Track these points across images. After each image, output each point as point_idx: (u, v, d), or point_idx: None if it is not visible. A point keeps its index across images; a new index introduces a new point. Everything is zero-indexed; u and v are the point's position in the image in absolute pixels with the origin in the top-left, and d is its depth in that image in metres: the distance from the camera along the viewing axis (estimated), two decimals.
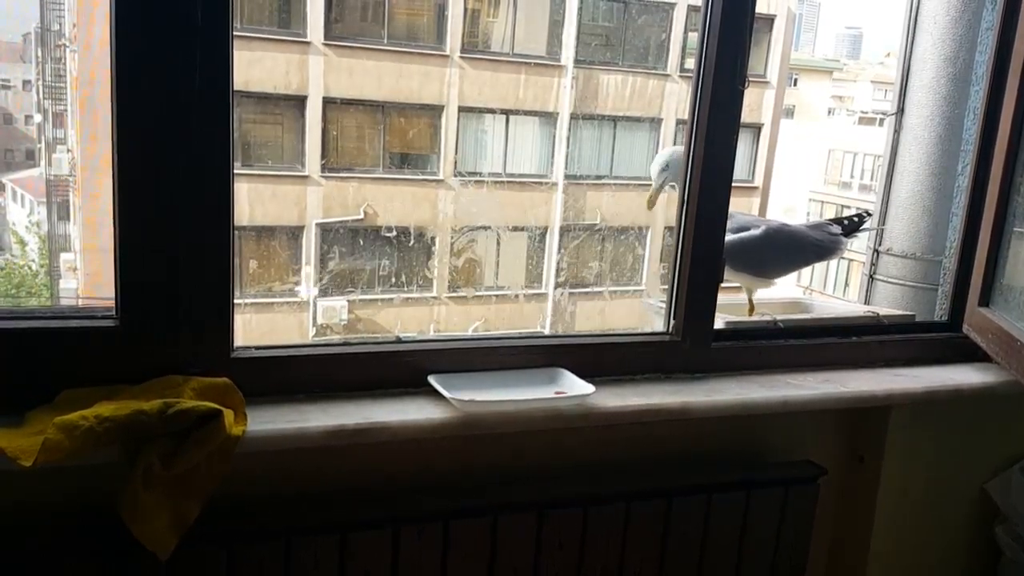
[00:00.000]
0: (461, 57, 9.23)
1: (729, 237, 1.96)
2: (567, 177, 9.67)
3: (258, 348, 1.58)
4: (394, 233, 8.92)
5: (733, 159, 1.83)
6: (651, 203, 2.17)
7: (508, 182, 9.64)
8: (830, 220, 2.33)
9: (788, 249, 2.25)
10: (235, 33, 1.44)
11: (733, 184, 1.87)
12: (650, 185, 2.11)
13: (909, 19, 2.53)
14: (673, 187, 2.05)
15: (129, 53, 1.37)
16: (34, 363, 1.42)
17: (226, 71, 1.42)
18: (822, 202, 17.04)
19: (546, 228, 9.75)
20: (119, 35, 1.36)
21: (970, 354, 2.14)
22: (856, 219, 2.32)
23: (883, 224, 2.61)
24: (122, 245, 1.43)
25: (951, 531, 2.23)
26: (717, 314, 1.92)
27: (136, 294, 1.45)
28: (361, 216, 8.93)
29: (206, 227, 1.46)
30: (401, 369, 1.66)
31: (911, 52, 2.53)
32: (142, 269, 1.44)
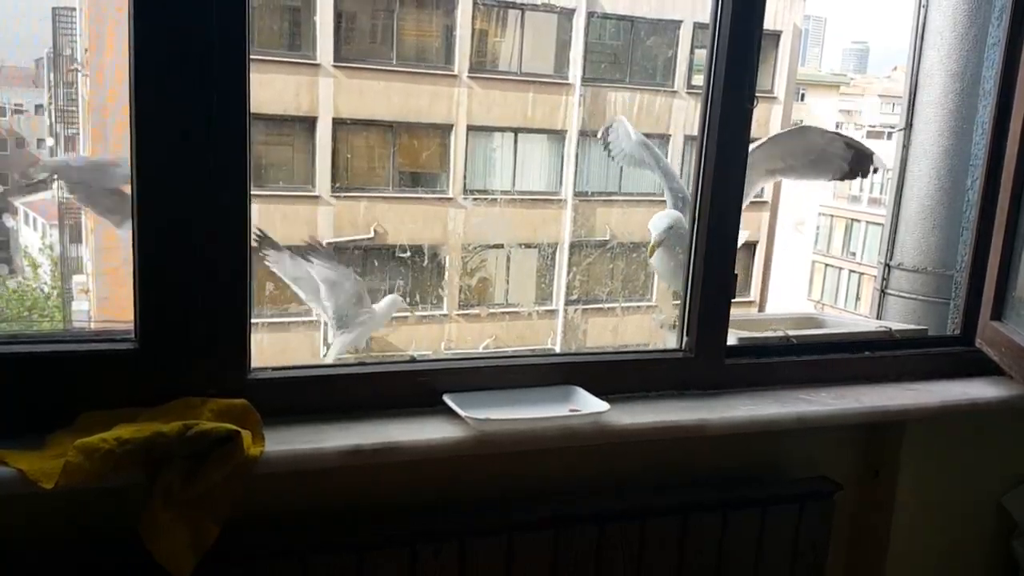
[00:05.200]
0: (470, 76, 9.27)
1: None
2: (577, 194, 9.67)
3: (275, 369, 1.59)
4: (408, 253, 8.93)
5: (743, 176, 1.84)
6: (652, 251, 2.25)
7: (518, 199, 9.65)
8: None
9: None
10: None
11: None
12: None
13: (916, 35, 2.54)
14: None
15: (147, 75, 1.40)
16: (54, 386, 1.44)
17: (243, 92, 1.45)
18: (832, 216, 16.99)
19: (556, 245, 9.75)
20: (137, 58, 1.39)
21: (983, 368, 2.14)
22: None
23: (893, 240, 2.61)
24: (141, 269, 1.44)
25: (968, 545, 2.22)
26: (730, 330, 1.93)
27: (154, 317, 1.47)
28: (372, 235, 8.94)
29: (223, 250, 1.47)
30: (416, 388, 1.67)
31: (918, 67, 2.54)
32: (160, 293, 1.46)
